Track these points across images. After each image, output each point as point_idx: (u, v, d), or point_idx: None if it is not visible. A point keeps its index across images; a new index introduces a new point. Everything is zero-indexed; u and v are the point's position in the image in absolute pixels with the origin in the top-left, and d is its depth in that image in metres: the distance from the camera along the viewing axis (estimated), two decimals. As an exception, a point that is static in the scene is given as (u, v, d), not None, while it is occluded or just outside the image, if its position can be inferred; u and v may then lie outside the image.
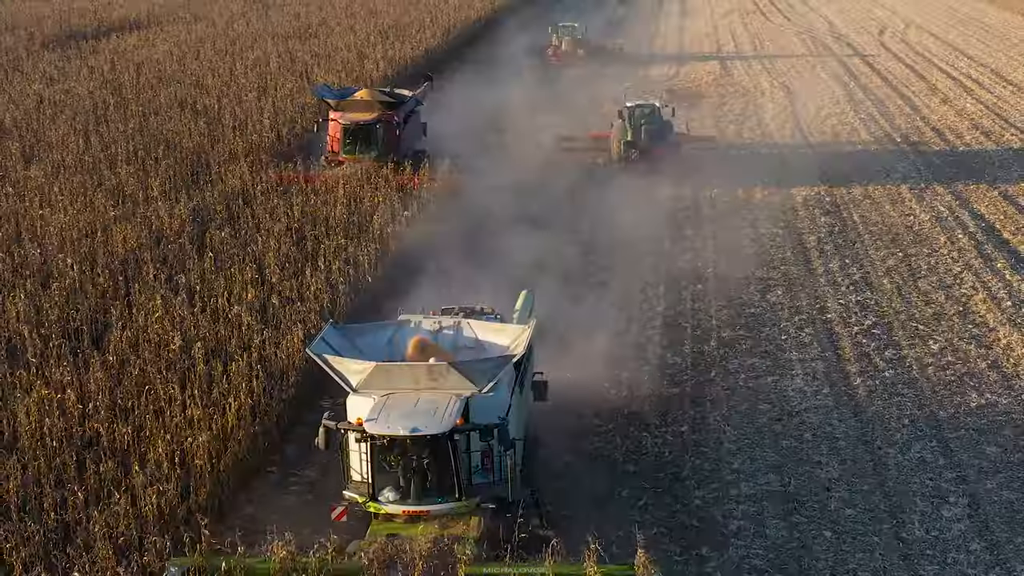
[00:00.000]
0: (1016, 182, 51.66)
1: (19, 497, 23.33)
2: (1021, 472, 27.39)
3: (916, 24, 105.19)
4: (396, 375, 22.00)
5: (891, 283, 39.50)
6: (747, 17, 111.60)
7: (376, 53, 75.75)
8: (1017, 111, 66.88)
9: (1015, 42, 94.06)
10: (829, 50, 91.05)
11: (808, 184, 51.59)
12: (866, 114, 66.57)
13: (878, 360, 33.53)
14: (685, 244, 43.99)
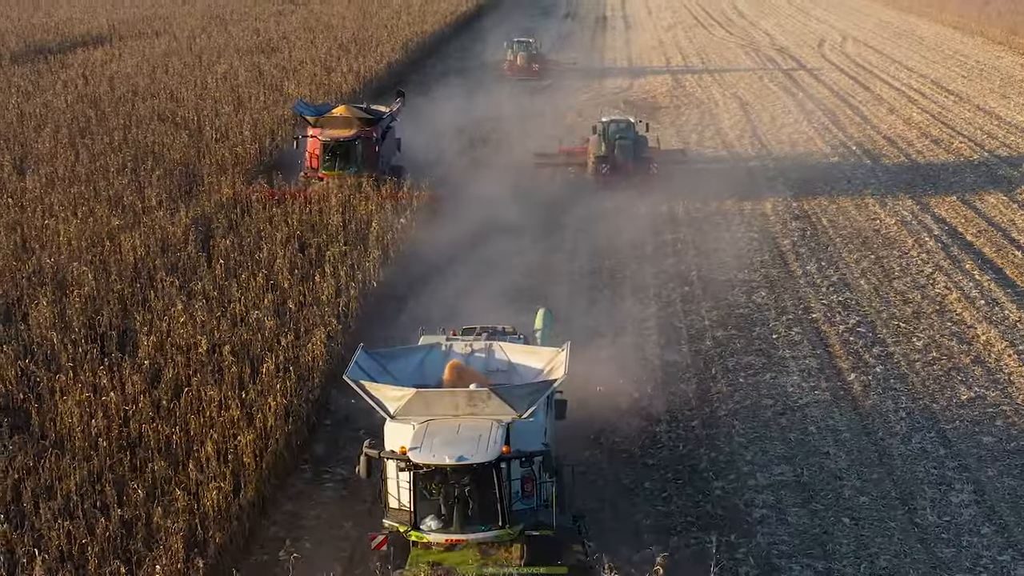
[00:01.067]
0: (971, 188, 52.77)
1: (79, 495, 23.47)
2: (1018, 460, 28.17)
3: (853, 37, 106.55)
4: (435, 401, 21.27)
5: (868, 284, 40.32)
6: (690, 31, 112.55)
7: (342, 66, 75.88)
8: (961, 120, 68.17)
9: (949, 54, 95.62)
10: (774, 62, 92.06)
11: (774, 191, 52.51)
12: (819, 123, 67.55)
13: (867, 357, 34.29)
14: (667, 249, 44.57)
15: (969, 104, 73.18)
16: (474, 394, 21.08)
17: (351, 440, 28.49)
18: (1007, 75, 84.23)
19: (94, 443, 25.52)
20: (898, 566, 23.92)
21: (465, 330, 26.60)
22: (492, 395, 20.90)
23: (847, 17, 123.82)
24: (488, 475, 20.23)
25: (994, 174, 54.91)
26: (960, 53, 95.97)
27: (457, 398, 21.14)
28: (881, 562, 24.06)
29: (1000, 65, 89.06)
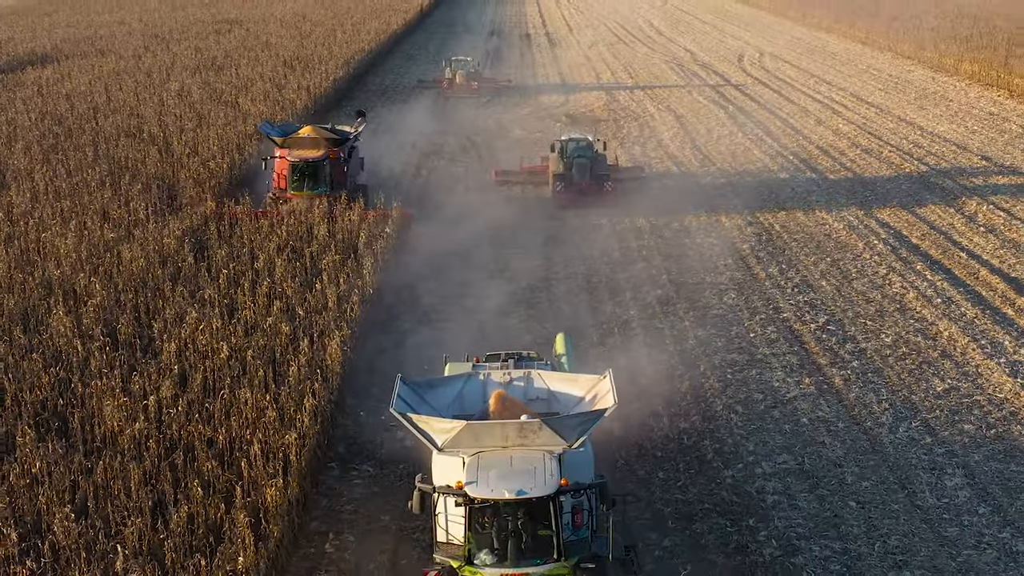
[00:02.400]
0: (907, 194, 54.21)
1: (139, 494, 23.73)
2: (1000, 445, 29.29)
3: (769, 52, 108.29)
4: (485, 434, 20.28)
5: (829, 284, 41.41)
6: (613, 48, 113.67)
7: (292, 83, 76.00)
8: (886, 130, 69.84)
9: (863, 68, 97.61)
10: (699, 77, 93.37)
11: (725, 199, 53.60)
12: (753, 135, 68.80)
13: (842, 353, 35.32)
14: (634, 255, 45.36)
15: (891, 115, 74.91)
16: (525, 426, 20.18)
17: (369, 442, 29.00)
18: (921, 88, 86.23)
19: (144, 445, 25.66)
20: (909, 544, 24.83)
21: (489, 356, 26.08)
22: (543, 426, 20.02)
23: (760, 34, 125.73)
24: (544, 508, 19.56)
25: (927, 181, 56.40)
26: (873, 67, 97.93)
27: (507, 430, 20.24)
28: (892, 541, 24.96)
29: (912, 79, 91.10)
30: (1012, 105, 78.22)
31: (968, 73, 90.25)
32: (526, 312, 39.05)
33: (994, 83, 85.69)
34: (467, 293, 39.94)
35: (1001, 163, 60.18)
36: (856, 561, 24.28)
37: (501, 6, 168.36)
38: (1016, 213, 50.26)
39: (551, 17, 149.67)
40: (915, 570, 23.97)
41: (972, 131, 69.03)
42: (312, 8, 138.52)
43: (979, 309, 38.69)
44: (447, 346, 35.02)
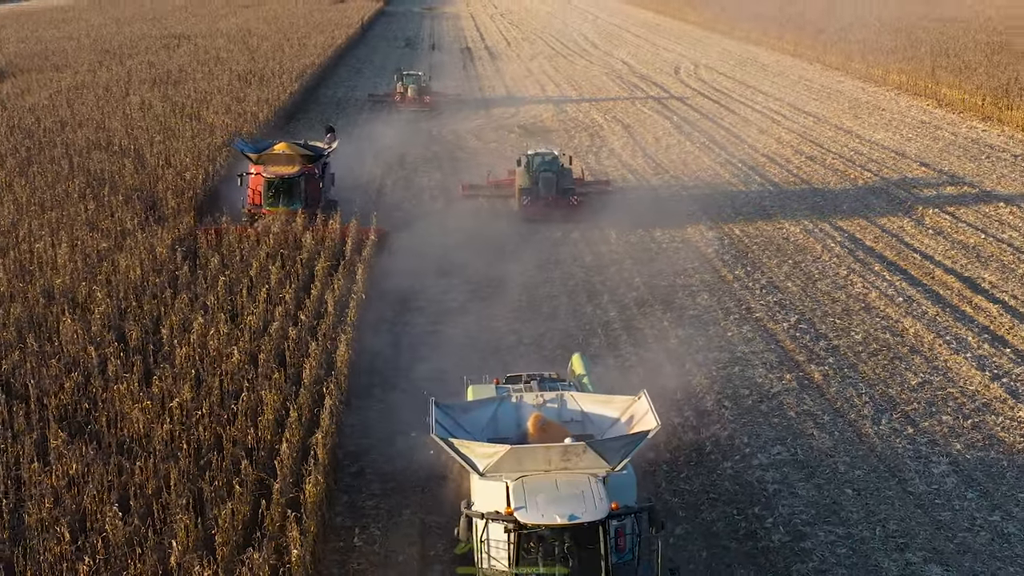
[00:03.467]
0: (856, 199, 55.32)
1: (178, 494, 23.93)
2: (978, 435, 30.15)
3: (704, 64, 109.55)
4: (528, 457, 19.76)
5: (795, 286, 42.25)
6: (553, 60, 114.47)
7: (252, 96, 75.97)
8: (826, 138, 71.11)
9: (795, 79, 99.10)
10: (640, 88, 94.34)
11: (683, 205, 54.41)
12: (700, 143, 69.75)
13: (817, 350, 36.12)
14: (605, 260, 45.92)
15: (828, 124, 76.23)
16: (569, 449, 19.66)
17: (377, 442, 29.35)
18: (852, 98, 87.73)
19: (176, 446, 25.85)
20: (907, 528, 25.58)
21: (509, 377, 25.78)
22: (587, 449, 19.53)
23: (691, 47, 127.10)
24: (592, 532, 18.94)
25: (872, 187, 57.57)
26: (805, 78, 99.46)
27: (551, 453, 19.69)
28: (891, 526, 25.70)
29: (843, 89, 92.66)
30: (941, 114, 79.85)
31: (896, 83, 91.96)
32: (511, 315, 39.43)
33: (922, 93, 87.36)
34: (450, 296, 40.31)
35: (940, 169, 61.48)
36: (860, 545, 24.96)
37: (437, 21, 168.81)
38: (960, 216, 51.43)
39: (488, 32, 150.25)
40: (916, 552, 24.67)
41: (907, 139, 70.42)
42: (256, 23, 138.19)
43: (939, 307, 39.63)
44: (440, 343, 35.68)
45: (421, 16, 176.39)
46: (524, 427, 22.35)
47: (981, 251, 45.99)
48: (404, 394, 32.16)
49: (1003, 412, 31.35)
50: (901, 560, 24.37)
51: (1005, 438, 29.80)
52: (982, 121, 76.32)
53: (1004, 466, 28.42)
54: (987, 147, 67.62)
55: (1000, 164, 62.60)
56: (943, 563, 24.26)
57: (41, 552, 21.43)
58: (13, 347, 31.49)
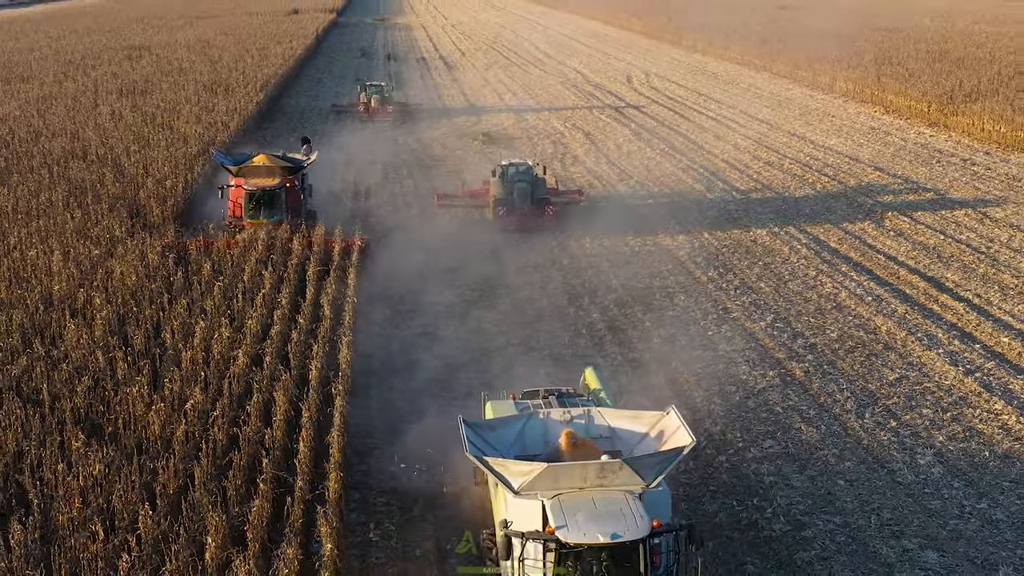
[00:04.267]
0: (816, 202, 56.13)
1: (204, 491, 24.07)
2: (959, 426, 30.82)
3: (655, 73, 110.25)
4: (564, 475, 19.17)
5: (767, 286, 42.84)
6: (508, 70, 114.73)
7: (220, 106, 75.84)
8: (781, 144, 71.95)
9: (745, 87, 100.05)
10: (595, 97, 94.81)
11: (652, 210, 54.91)
12: (660, 150, 70.29)
13: (795, 348, 36.71)
14: (582, 263, 46.33)
15: (781, 130, 77.09)
16: (605, 466, 19.18)
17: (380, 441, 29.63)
18: (802, 105, 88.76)
19: (196, 446, 25.97)
20: (901, 516, 26.14)
21: (526, 393, 25.32)
22: (624, 466, 19.09)
23: (641, 56, 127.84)
24: (631, 550, 18.58)
25: (831, 190, 58.42)
26: (754, 86, 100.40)
27: (587, 470, 19.17)
28: (885, 514, 26.26)
29: (792, 96, 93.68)
30: (890, 120, 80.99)
31: (843, 91, 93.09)
32: (497, 316, 39.79)
33: (869, 100, 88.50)
34: (435, 299, 40.62)
35: (893, 173, 62.42)
36: (858, 533, 25.50)
37: (390, 32, 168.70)
38: (918, 219, 52.30)
39: (441, 42, 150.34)
40: (911, 539, 25.23)
41: (859, 144, 71.39)
42: (213, 35, 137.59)
43: (907, 306, 40.34)
44: (430, 345, 35.96)
45: (374, 27, 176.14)
46: (553, 444, 21.79)
47: (942, 252, 46.79)
48: (401, 394, 32.44)
49: (979, 405, 32.01)
50: (898, 547, 24.91)
51: (984, 430, 30.45)
52: (929, 127, 77.48)
53: (986, 456, 29.05)
54: (936, 152, 68.69)
55: (951, 168, 63.64)
56: (938, 549, 24.81)
57: (77, 550, 21.46)
58: (19, 353, 31.33)
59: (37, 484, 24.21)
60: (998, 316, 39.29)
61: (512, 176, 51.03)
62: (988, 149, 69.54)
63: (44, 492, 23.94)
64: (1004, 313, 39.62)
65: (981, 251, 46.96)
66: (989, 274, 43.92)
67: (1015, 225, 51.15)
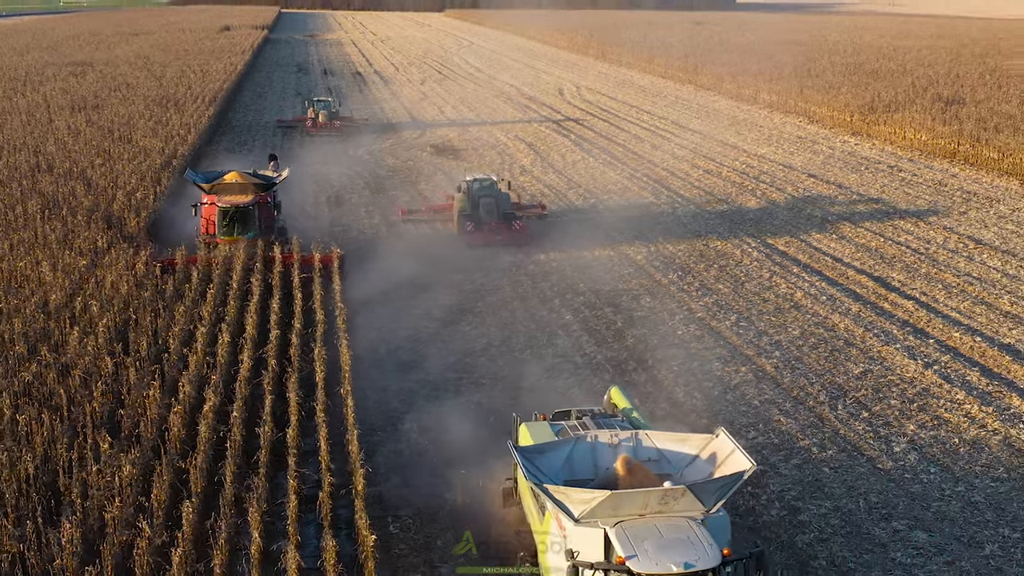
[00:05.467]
0: (759, 207, 57.20)
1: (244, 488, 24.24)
2: (926, 415, 31.72)
3: (585, 86, 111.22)
4: (626, 502, 18.40)
5: (726, 287, 43.62)
6: (443, 84, 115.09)
7: (175, 120, 75.41)
8: (716, 152, 73.16)
9: (673, 100, 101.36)
10: (531, 109, 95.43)
11: (604, 218, 55.49)
12: (603, 160, 71.05)
13: (763, 345, 37.47)
14: (546, 267, 46.79)
15: (715, 140, 78.26)
16: (668, 492, 18.42)
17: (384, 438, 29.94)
18: (730, 116, 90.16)
19: (221, 447, 26.09)
20: (886, 500, 26.91)
21: (557, 414, 24.43)
22: (687, 492, 18.36)
23: (569, 70, 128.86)
24: None
25: (771, 197, 59.49)
26: (682, 98, 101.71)
27: (649, 497, 18.39)
28: (872, 498, 27.02)
29: (720, 108, 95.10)
30: (815, 129, 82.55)
31: (767, 102, 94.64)
32: (474, 319, 40.14)
33: (793, 111, 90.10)
34: (411, 304, 40.81)
35: (827, 180, 63.73)
36: (850, 516, 26.20)
37: (322, 48, 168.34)
38: (857, 222, 53.52)
39: (373, 57, 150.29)
40: (900, 520, 25.99)
41: (790, 152, 72.72)
42: (152, 51, 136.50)
43: (860, 304, 41.31)
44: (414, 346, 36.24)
45: (305, 43, 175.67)
46: (603, 468, 21.01)
47: (884, 253, 47.93)
48: (396, 395, 32.70)
49: (942, 395, 32.96)
50: (888, 528, 25.65)
51: (950, 419, 31.36)
52: (852, 135, 79.10)
53: (956, 443, 29.94)
54: (864, 159, 70.18)
55: (879, 175, 65.08)
56: (926, 529, 25.58)
57: (125, 546, 21.55)
58: (28, 360, 31.15)
59: (76, 485, 24.11)
60: (946, 313, 40.33)
61: (477, 191, 50.56)
62: (911, 156, 71.14)
63: (84, 493, 23.85)
64: (951, 310, 40.67)
65: (920, 252, 48.15)
66: (931, 273, 45.03)
67: (948, 227, 52.51)
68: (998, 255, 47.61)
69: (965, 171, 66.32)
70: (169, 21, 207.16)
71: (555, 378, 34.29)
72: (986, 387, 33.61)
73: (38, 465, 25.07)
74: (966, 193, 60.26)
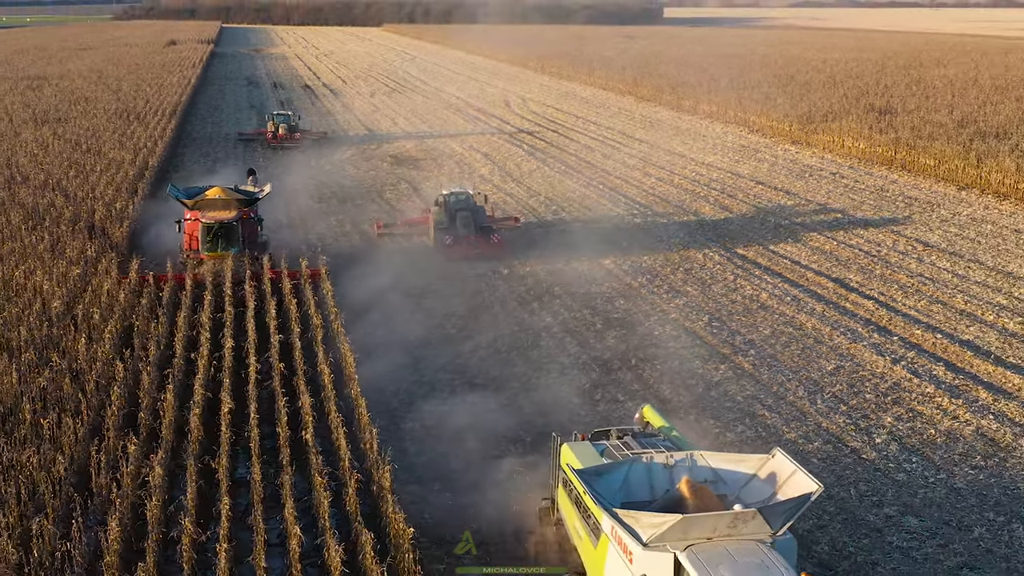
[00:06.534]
0: (713, 213, 57.97)
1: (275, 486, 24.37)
2: (900, 408, 32.44)
3: (530, 98, 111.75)
4: (696, 526, 17.50)
5: (694, 290, 44.22)
6: (392, 96, 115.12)
7: (140, 133, 74.94)
8: (665, 160, 73.97)
9: (616, 111, 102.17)
10: (481, 121, 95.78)
11: (564, 222, 55.98)
12: (558, 169, 71.53)
13: (737, 344, 38.08)
14: (519, 271, 47.13)
15: (662, 149, 79.09)
16: (739, 515, 17.53)
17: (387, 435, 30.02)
18: (673, 126, 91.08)
19: (244, 446, 26.18)
20: (875, 488, 27.55)
21: (596, 433, 23.32)
22: (757, 515, 17.46)
23: (511, 82, 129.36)
24: None
25: (723, 202, 60.33)
26: (624, 109, 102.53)
27: (720, 521, 17.54)
28: (861, 487, 27.65)
29: (662, 118, 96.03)
30: (756, 139, 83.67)
31: (707, 112, 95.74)
32: (459, 322, 40.37)
33: (732, 120, 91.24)
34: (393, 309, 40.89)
35: (774, 186, 64.67)
36: (843, 503, 26.79)
37: (268, 62, 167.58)
38: (810, 226, 54.45)
39: (320, 71, 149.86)
40: (891, 507, 26.64)
41: (736, 160, 73.69)
42: (104, 65, 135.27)
43: (823, 305, 42.08)
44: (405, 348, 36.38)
45: (251, 57, 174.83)
46: (662, 490, 20.16)
47: (838, 256, 48.82)
48: (394, 395, 32.89)
49: (913, 389, 33.73)
50: (881, 514, 26.28)
51: (924, 411, 32.11)
52: (793, 144, 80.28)
53: (932, 433, 30.67)
54: (806, 167, 71.29)
55: (824, 181, 66.16)
56: (916, 514, 26.24)
57: (177, 540, 21.65)
58: (39, 366, 30.98)
59: (113, 486, 24.10)
60: (905, 312, 41.19)
61: (453, 205, 49.91)
62: (851, 164, 72.39)
63: (121, 492, 23.85)
64: (909, 309, 41.56)
65: (872, 255, 49.10)
66: (886, 275, 45.95)
67: (895, 231, 53.58)
68: (946, 256, 48.64)
69: (904, 177, 67.58)
70: (114, 36, 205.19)
71: (545, 377, 34.59)
72: (953, 381, 34.36)
73: (66, 466, 24.96)
74: (907, 198, 61.42)
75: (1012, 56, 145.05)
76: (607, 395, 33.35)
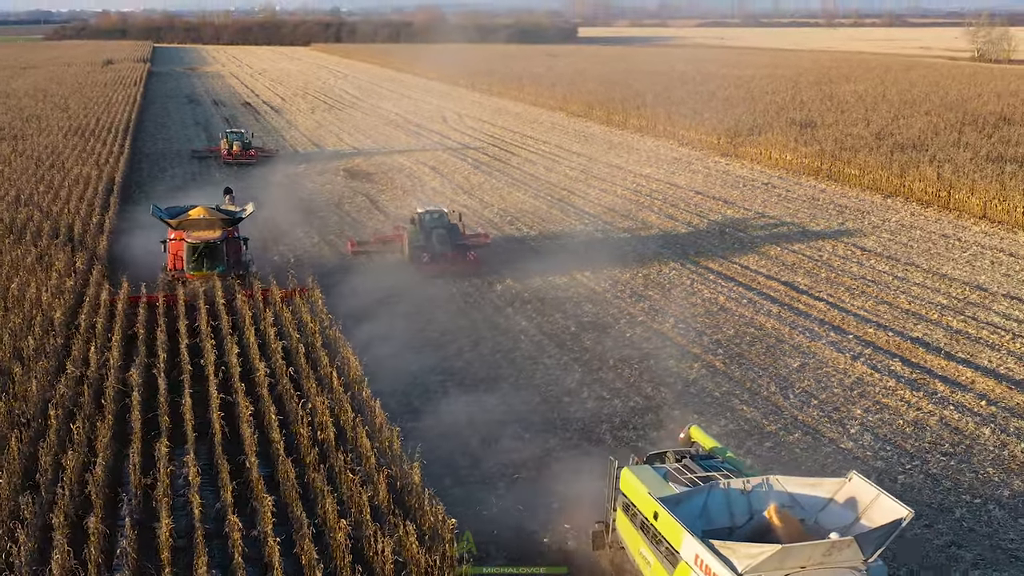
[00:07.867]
0: (660, 221, 58.76)
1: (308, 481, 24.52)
2: (867, 401, 33.31)
3: (466, 114, 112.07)
4: (793, 555, 16.83)
5: (656, 294, 44.94)
6: (331, 112, 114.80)
7: (96, 149, 74.19)
8: (606, 172, 74.77)
9: (550, 125, 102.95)
10: (422, 136, 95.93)
11: (520, 231, 56.43)
12: (505, 181, 71.99)
13: (705, 343, 38.80)
14: (491, 277, 47.47)
15: (600, 161, 79.95)
16: (835, 544, 16.92)
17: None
18: (606, 140, 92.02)
19: (268, 447, 26.30)
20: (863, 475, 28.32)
21: (651, 456, 22.35)
22: (852, 543, 16.89)
23: (444, 99, 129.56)
24: None
25: (667, 211, 61.23)
26: (557, 124, 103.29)
27: (815, 550, 16.88)
28: (844, 474, 28.35)
29: (594, 133, 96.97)
30: (686, 151, 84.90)
31: (637, 127, 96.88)
32: (439, 326, 40.59)
33: (662, 135, 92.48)
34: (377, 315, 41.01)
35: (713, 196, 65.75)
36: (831, 490, 27.51)
37: (205, 80, 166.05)
38: (752, 233, 55.52)
39: (257, 89, 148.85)
40: (875, 492, 27.40)
41: (672, 172, 74.76)
42: (46, 84, 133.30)
43: (778, 307, 43.01)
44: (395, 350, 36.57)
45: (188, 75, 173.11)
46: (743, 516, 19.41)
47: (784, 260, 49.88)
48: (392, 396, 33.09)
49: (876, 383, 34.69)
50: (867, 499, 27.01)
51: (889, 403, 33.06)
52: (722, 156, 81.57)
53: (901, 424, 31.60)
54: (739, 178, 72.52)
55: (757, 191, 67.39)
56: (899, 499, 26.96)
57: (228, 536, 21.77)
58: (53, 374, 30.80)
59: (159, 486, 24.11)
60: (855, 312, 42.25)
61: (429, 223, 49.30)
62: (780, 175, 73.76)
63: (165, 492, 23.87)
64: (858, 309, 42.63)
65: (816, 259, 50.23)
66: (832, 278, 47.06)
67: (833, 237, 54.82)
68: (883, 260, 49.91)
69: (832, 187, 69.07)
70: (50, 56, 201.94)
71: (532, 376, 35.04)
72: (911, 375, 35.38)
73: (104, 468, 24.94)
74: (838, 206, 62.82)
75: (913, 72, 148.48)
76: (593, 393, 33.79)
